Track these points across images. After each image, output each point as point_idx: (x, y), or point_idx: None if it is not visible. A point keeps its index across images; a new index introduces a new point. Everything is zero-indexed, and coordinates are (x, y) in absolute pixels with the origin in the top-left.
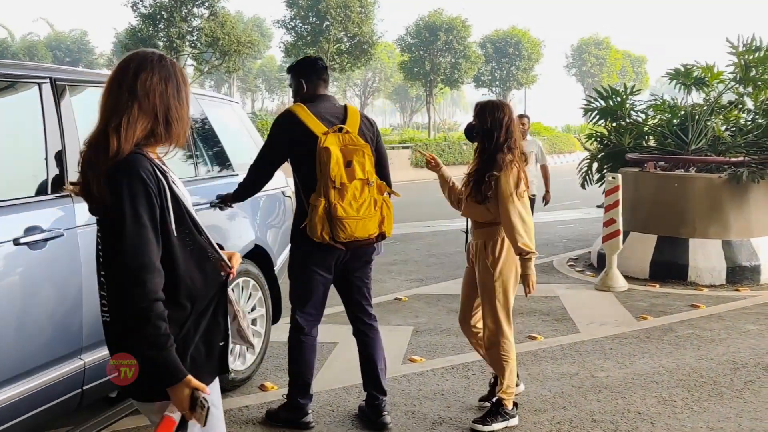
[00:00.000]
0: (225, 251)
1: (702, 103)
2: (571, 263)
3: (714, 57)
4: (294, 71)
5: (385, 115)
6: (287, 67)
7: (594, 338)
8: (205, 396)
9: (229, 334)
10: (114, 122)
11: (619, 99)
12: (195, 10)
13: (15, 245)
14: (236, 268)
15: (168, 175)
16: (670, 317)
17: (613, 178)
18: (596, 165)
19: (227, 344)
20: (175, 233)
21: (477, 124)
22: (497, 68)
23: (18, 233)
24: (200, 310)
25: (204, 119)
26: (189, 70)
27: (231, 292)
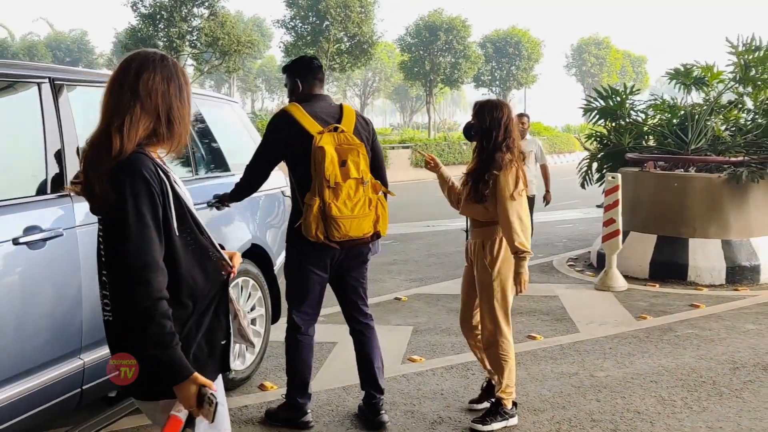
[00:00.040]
0: (226, 251)
1: (702, 103)
2: (571, 263)
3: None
4: (289, 71)
5: (385, 115)
6: (282, 67)
7: (593, 338)
8: (213, 392)
9: (231, 333)
10: (116, 122)
11: (619, 99)
12: (195, 10)
13: (14, 245)
14: (237, 268)
15: (170, 175)
16: (670, 317)
17: (613, 178)
18: (596, 165)
19: (229, 343)
20: (177, 233)
21: (476, 124)
22: (497, 68)
23: (17, 233)
24: (202, 309)
25: (203, 119)
26: (189, 70)
27: (230, 291)
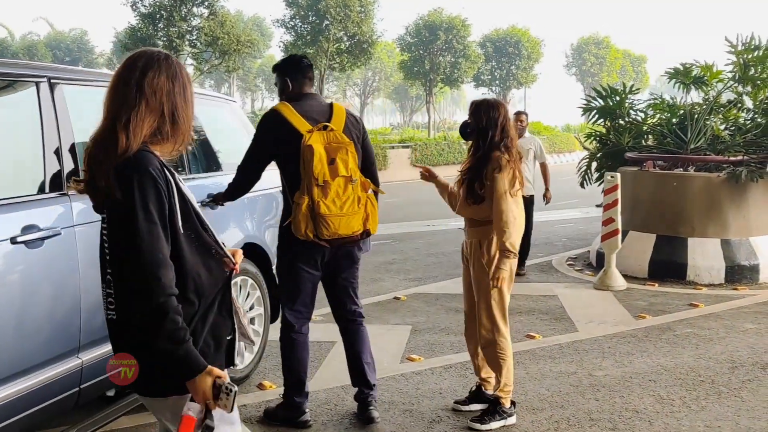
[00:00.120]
0: (228, 248)
1: (701, 102)
2: (570, 262)
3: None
4: (279, 70)
5: (385, 115)
6: (272, 66)
7: (592, 337)
8: (229, 382)
9: (236, 329)
10: (122, 119)
11: (618, 98)
12: (194, 10)
13: (12, 244)
14: (239, 265)
15: (174, 173)
16: (669, 316)
17: (612, 177)
18: (595, 164)
19: (234, 338)
20: (182, 230)
21: (472, 123)
22: (497, 67)
23: (15, 232)
24: (207, 306)
25: (201, 118)
26: (189, 70)
27: None
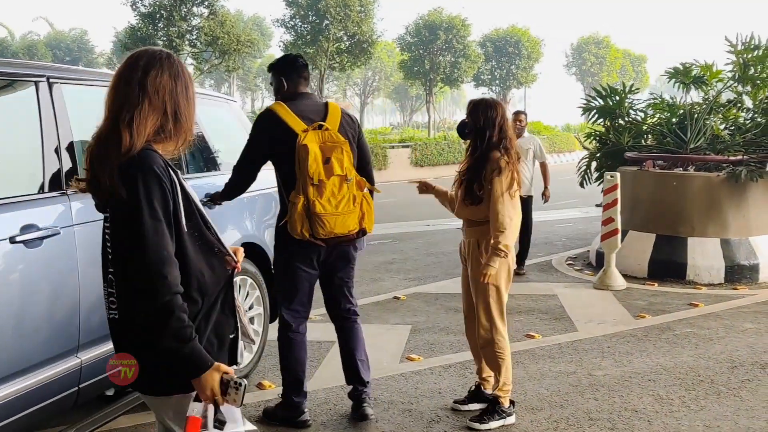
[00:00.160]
0: (230, 247)
1: (701, 102)
2: (570, 262)
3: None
4: (274, 69)
5: (385, 114)
6: (268, 66)
7: (592, 337)
8: (237, 377)
9: (239, 327)
10: (126, 118)
11: (618, 98)
12: (194, 9)
13: (11, 243)
14: (241, 263)
15: (177, 172)
16: (669, 316)
17: (612, 177)
18: (595, 164)
19: (237, 337)
20: (186, 228)
21: (470, 122)
22: (497, 67)
23: (14, 231)
24: (210, 304)
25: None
26: (189, 69)
27: None
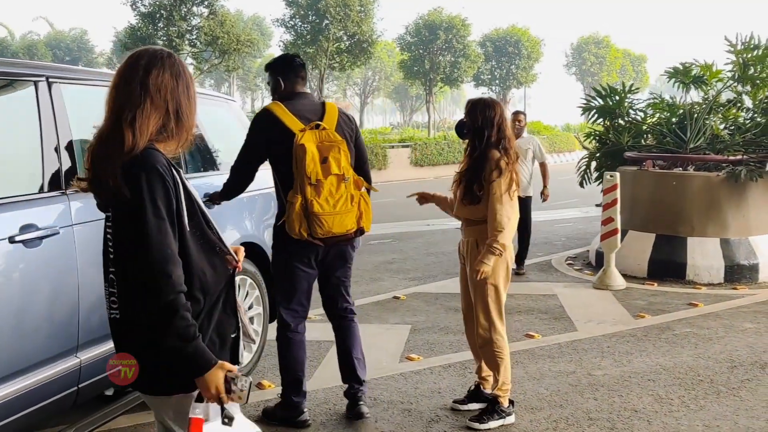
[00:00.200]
0: (231, 246)
1: (701, 102)
2: (570, 262)
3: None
4: (271, 69)
5: (385, 114)
6: (265, 66)
7: (591, 336)
8: (242, 374)
9: (240, 327)
10: (128, 117)
11: (618, 98)
12: (194, 9)
13: (10, 243)
14: (242, 262)
15: (180, 171)
16: (668, 316)
17: (611, 177)
18: (595, 164)
19: (239, 336)
20: (188, 228)
21: (468, 122)
22: (497, 67)
23: (13, 231)
24: (212, 303)
25: (200, 118)
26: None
27: None
